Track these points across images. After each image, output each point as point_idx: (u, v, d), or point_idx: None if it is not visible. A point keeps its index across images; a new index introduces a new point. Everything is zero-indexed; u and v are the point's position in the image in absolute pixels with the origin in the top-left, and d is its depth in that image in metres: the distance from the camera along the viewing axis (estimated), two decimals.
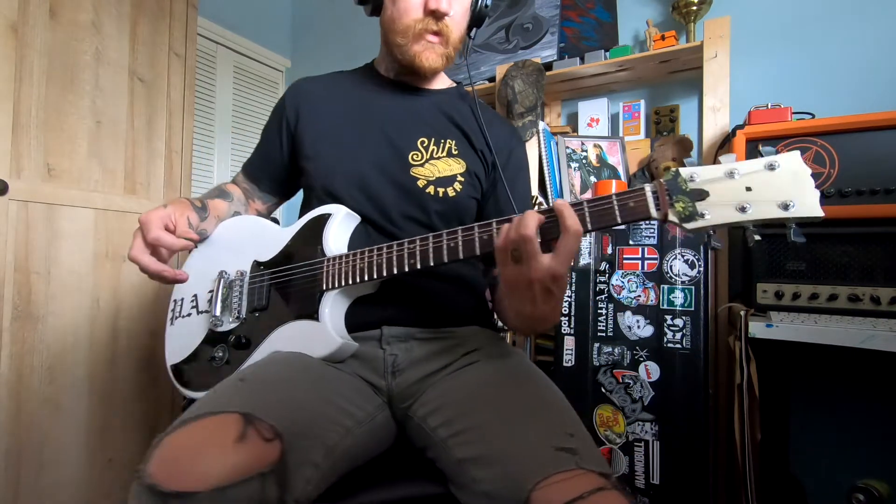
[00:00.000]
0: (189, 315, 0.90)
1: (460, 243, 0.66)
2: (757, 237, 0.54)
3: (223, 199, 0.94)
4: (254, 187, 0.99)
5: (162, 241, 0.75)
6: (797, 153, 0.52)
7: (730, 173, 0.53)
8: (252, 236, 0.88)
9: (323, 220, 0.80)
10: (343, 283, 0.74)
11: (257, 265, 0.85)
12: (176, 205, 0.81)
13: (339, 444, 0.64)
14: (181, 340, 0.89)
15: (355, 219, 0.82)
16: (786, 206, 0.51)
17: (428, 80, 0.90)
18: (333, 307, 0.76)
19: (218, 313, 0.84)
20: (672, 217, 0.55)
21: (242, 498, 0.50)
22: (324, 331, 0.74)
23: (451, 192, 0.83)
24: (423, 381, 0.77)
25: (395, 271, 0.70)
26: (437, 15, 0.80)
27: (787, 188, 0.52)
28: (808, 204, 0.51)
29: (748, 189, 0.53)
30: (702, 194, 0.54)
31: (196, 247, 0.85)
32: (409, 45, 0.82)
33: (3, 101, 1.23)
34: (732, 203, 0.53)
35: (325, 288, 0.76)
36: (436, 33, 0.82)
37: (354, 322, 0.78)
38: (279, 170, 0.95)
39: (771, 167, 0.52)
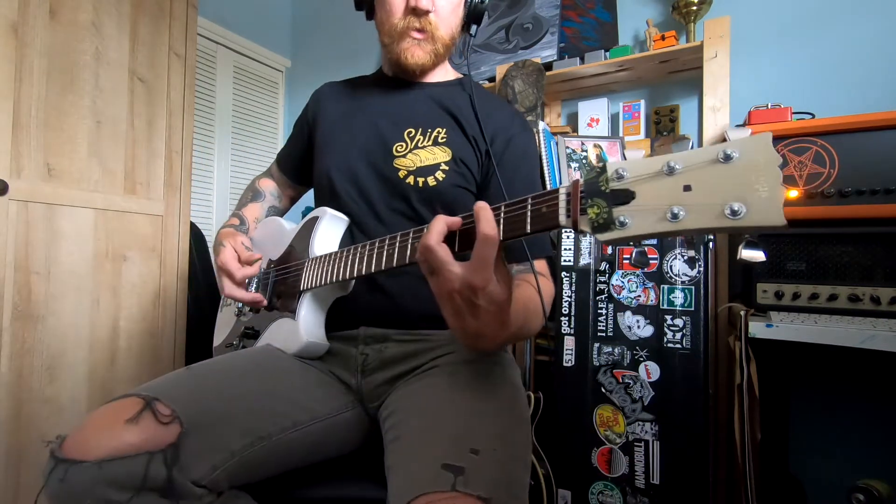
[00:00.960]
0: (230, 305, 1.02)
1: (396, 249, 0.63)
2: (748, 258, 0.45)
3: (255, 202, 1.03)
4: (286, 179, 1.06)
5: (248, 276, 0.84)
6: (768, 135, 0.38)
7: (669, 168, 0.41)
8: (270, 235, 0.97)
9: (312, 222, 0.85)
10: (316, 284, 0.78)
11: (270, 263, 0.93)
12: (229, 237, 0.88)
13: (281, 436, 0.68)
14: (221, 326, 1.03)
15: (342, 220, 0.85)
16: (734, 213, 0.37)
17: (422, 75, 0.90)
18: (309, 307, 0.80)
19: (240, 305, 0.96)
20: (583, 226, 0.45)
21: (123, 472, 0.55)
22: (295, 329, 0.79)
23: (431, 182, 0.81)
24: (390, 384, 0.78)
25: (348, 275, 0.71)
26: (417, 12, 0.81)
27: (740, 187, 0.38)
28: (764, 209, 0.37)
29: (686, 188, 0.40)
30: (626, 196, 0.43)
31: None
32: (394, 43, 0.84)
33: (3, 101, 1.23)
34: (661, 208, 0.41)
35: (301, 288, 0.80)
36: (419, 30, 0.83)
37: (338, 321, 0.82)
38: (301, 163, 1.02)
39: (726, 158, 0.39)
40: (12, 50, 1.25)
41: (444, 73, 0.95)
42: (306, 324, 0.79)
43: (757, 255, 0.43)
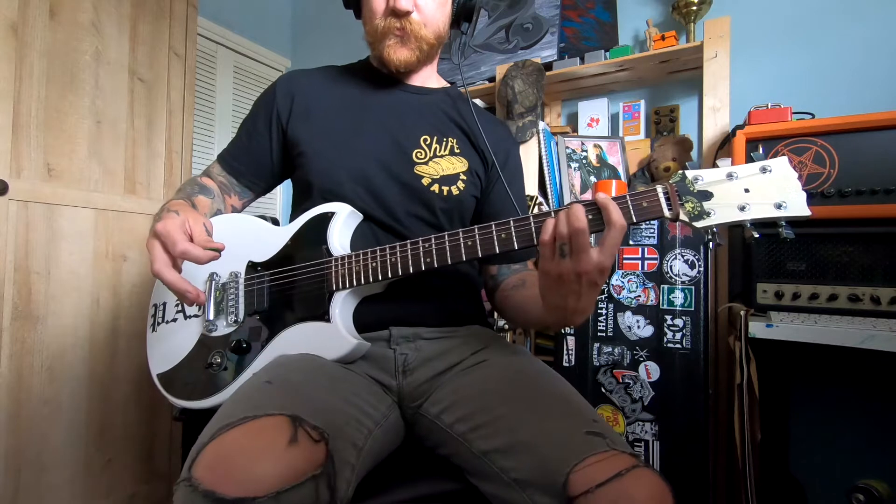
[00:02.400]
0: (175, 320, 0.85)
1: (478, 241, 0.67)
2: (756, 235, 0.58)
3: (205, 196, 0.87)
4: (232, 181, 0.91)
5: (190, 254, 0.66)
6: (785, 159, 0.59)
7: (730, 175, 0.59)
8: (244, 236, 0.83)
9: (325, 218, 0.78)
10: (354, 284, 0.73)
11: (253, 266, 0.81)
12: (187, 211, 0.73)
13: (365, 444, 0.64)
14: (167, 347, 0.84)
15: (358, 217, 0.81)
16: (779, 206, 0.57)
17: (408, 74, 0.90)
18: (343, 308, 0.74)
19: (212, 317, 0.80)
20: (683, 216, 0.59)
21: (298, 502, 0.49)
22: (336, 332, 0.73)
23: (454, 191, 0.84)
24: (434, 380, 0.78)
25: (412, 270, 0.70)
26: (396, 13, 0.80)
27: (779, 190, 0.58)
28: (798, 204, 0.57)
29: (746, 190, 0.58)
30: (707, 195, 0.59)
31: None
32: (377, 42, 0.84)
33: (3, 101, 1.23)
34: (734, 203, 0.58)
35: (334, 288, 0.74)
36: (400, 29, 0.82)
37: (362, 322, 0.77)
38: (264, 164, 0.90)
39: (764, 171, 0.58)
40: (12, 50, 1.25)
41: (437, 80, 0.95)
42: (346, 326, 0.74)
43: (791, 234, 0.60)
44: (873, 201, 1.00)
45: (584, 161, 1.59)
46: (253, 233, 0.84)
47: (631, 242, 1.23)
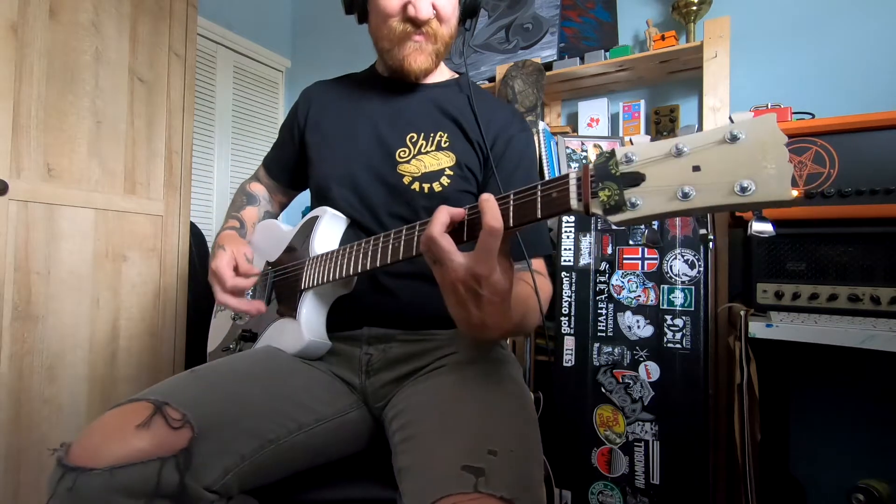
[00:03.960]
0: (224, 310, 1.00)
1: (402, 242, 0.63)
2: (759, 231, 0.46)
3: (252, 206, 1.01)
4: (276, 184, 1.04)
5: (239, 287, 0.80)
6: (772, 116, 0.40)
7: (677, 150, 0.42)
8: (267, 237, 0.96)
9: (312, 222, 0.84)
10: (317, 282, 0.77)
11: (267, 264, 0.92)
12: (231, 243, 0.85)
13: (287, 439, 0.67)
14: (216, 331, 1.00)
15: (341, 219, 0.84)
16: (743, 190, 0.39)
17: (422, 78, 0.89)
18: (311, 306, 0.79)
19: None
20: (595, 209, 0.45)
21: (135, 479, 0.54)
22: (296, 329, 0.78)
23: (437, 187, 0.81)
24: (396, 384, 0.78)
25: (352, 271, 0.70)
26: (416, 23, 0.80)
27: (748, 165, 0.39)
28: (772, 186, 0.38)
29: (695, 168, 0.41)
30: (635, 178, 0.44)
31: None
32: (395, 49, 0.83)
33: (3, 101, 1.23)
34: (671, 188, 0.42)
35: (303, 287, 0.79)
36: (420, 34, 0.82)
37: (339, 321, 0.81)
38: (294, 168, 1.00)
39: (733, 138, 0.40)
40: (12, 50, 1.25)
41: (441, 73, 0.94)
42: (308, 323, 0.78)
43: (766, 228, 0.44)
44: (873, 201, 1.00)
45: (584, 161, 1.59)
46: (271, 235, 0.95)
47: (631, 242, 1.23)
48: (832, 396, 1.32)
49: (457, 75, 0.96)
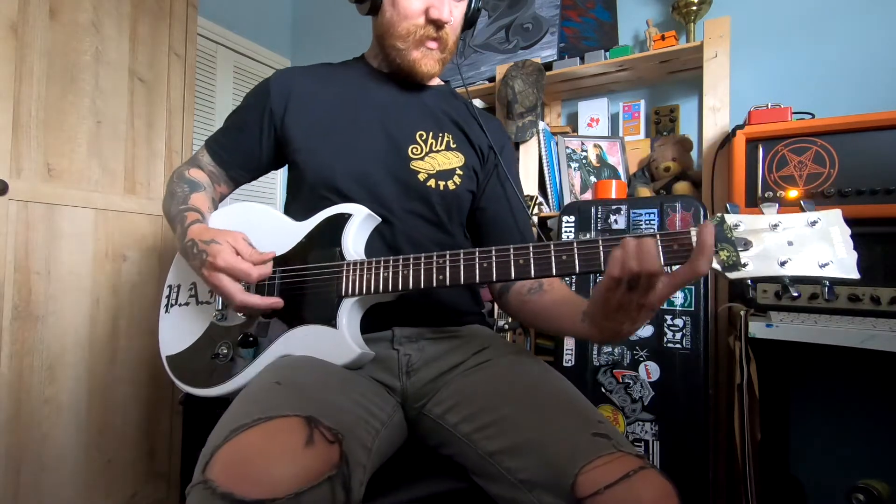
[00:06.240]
0: (187, 304, 0.85)
1: (494, 265, 0.65)
2: (794, 292, 0.54)
3: (199, 192, 0.87)
4: (221, 172, 0.91)
5: (264, 276, 0.74)
6: (838, 212, 0.53)
7: (773, 225, 0.54)
8: (260, 229, 0.81)
9: (341, 220, 0.76)
10: (365, 292, 0.71)
11: None
12: (226, 235, 0.74)
13: (374, 444, 0.64)
14: (177, 331, 0.84)
15: (374, 220, 0.79)
16: (823, 265, 0.52)
17: (426, 81, 0.90)
18: (351, 314, 0.73)
19: (221, 307, 0.79)
20: (715, 264, 0.55)
21: (315, 502, 0.49)
22: (342, 340, 0.72)
23: (451, 186, 0.84)
24: (437, 380, 0.78)
25: (423, 286, 0.68)
26: (438, 24, 0.80)
27: (826, 246, 0.52)
28: (846, 264, 0.51)
29: (790, 243, 0.53)
30: (746, 244, 0.54)
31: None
32: (408, 50, 0.82)
33: (3, 101, 1.23)
34: (774, 256, 0.53)
35: (343, 294, 0.73)
36: (435, 40, 0.82)
37: (366, 323, 0.76)
38: (253, 158, 0.90)
39: (812, 223, 0.53)
40: (12, 50, 1.25)
41: (435, 79, 0.95)
42: (353, 334, 0.73)
43: (832, 298, 0.58)
44: (873, 201, 1.00)
45: (584, 161, 1.59)
46: (269, 226, 0.82)
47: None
48: (832, 397, 1.32)
49: (442, 83, 0.98)
